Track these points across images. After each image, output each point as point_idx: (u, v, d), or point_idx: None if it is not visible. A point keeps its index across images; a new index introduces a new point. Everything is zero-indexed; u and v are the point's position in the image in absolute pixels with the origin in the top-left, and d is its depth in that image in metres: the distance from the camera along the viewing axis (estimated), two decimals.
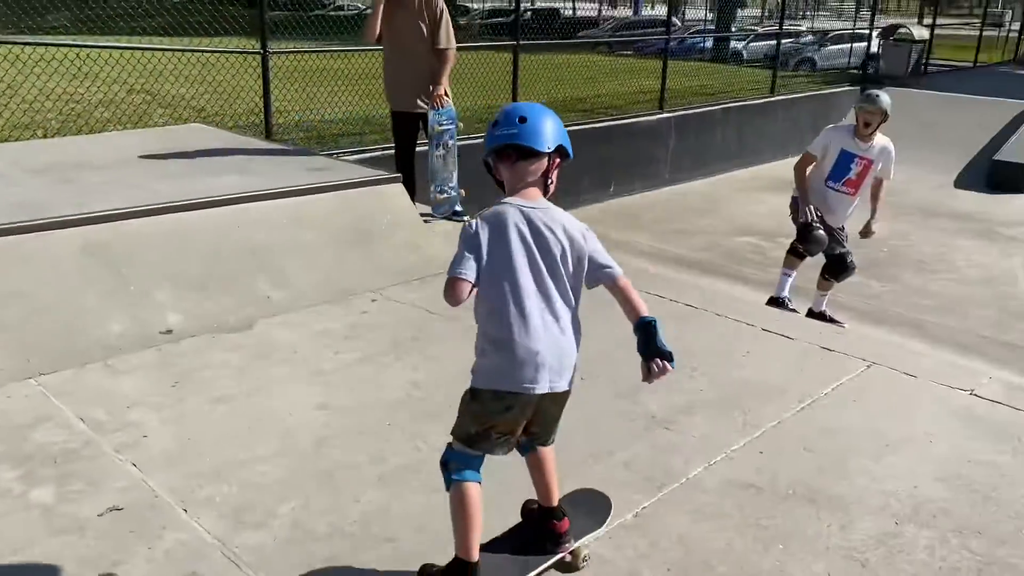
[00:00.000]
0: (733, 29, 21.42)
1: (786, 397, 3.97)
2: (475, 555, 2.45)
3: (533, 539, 2.70)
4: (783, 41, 25.39)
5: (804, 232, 6.14)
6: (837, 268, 6.37)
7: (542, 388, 2.41)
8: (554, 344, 2.42)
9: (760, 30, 22.90)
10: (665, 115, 11.27)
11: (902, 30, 15.74)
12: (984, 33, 19.65)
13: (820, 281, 6.54)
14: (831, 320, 6.30)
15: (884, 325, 7.01)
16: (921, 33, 15.73)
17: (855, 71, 15.91)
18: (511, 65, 10.11)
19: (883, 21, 21.60)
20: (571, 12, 30.47)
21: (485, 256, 2.41)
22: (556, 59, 13.63)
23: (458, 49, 6.57)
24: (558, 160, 2.55)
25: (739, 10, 23.02)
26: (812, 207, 6.14)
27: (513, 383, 2.39)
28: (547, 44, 12.96)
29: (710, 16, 25.02)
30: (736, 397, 3.96)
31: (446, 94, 6.32)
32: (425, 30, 6.20)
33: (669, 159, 11.35)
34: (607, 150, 10.49)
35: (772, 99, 13.18)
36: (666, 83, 11.42)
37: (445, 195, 6.59)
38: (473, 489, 2.45)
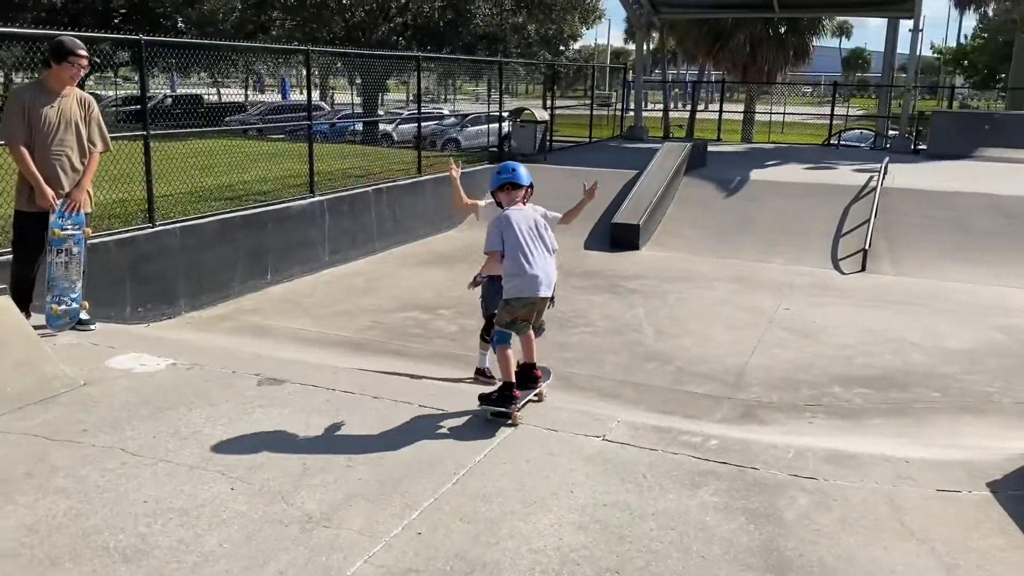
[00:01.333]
0: (380, 113, 22.26)
1: (443, 470, 4.06)
2: (513, 379, 4.81)
3: (522, 382, 4.93)
4: (430, 123, 27.11)
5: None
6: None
7: (543, 294, 4.89)
8: (545, 272, 4.86)
9: (406, 113, 24.12)
10: (317, 198, 11.30)
11: (526, 112, 17.46)
12: (596, 112, 22.50)
13: (481, 343, 6.81)
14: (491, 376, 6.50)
15: None
16: (543, 114, 17.59)
17: (494, 149, 17.29)
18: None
19: (513, 104, 23.86)
20: (217, 97, 29.78)
21: (504, 238, 4.80)
22: (202, 145, 13.13)
23: None
24: (530, 189, 5.18)
25: (383, 95, 24.01)
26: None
27: (530, 293, 4.82)
28: (187, 132, 12.44)
29: (358, 100, 25.87)
30: (395, 480, 3.96)
31: (89, 196, 5.90)
32: (81, 128, 5.78)
33: (326, 241, 11.36)
34: (260, 237, 10.23)
35: (420, 178, 13.82)
36: (314, 166, 11.48)
37: (64, 307, 5.94)
38: (510, 348, 4.89)
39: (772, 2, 19.97)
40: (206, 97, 28.24)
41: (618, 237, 12.84)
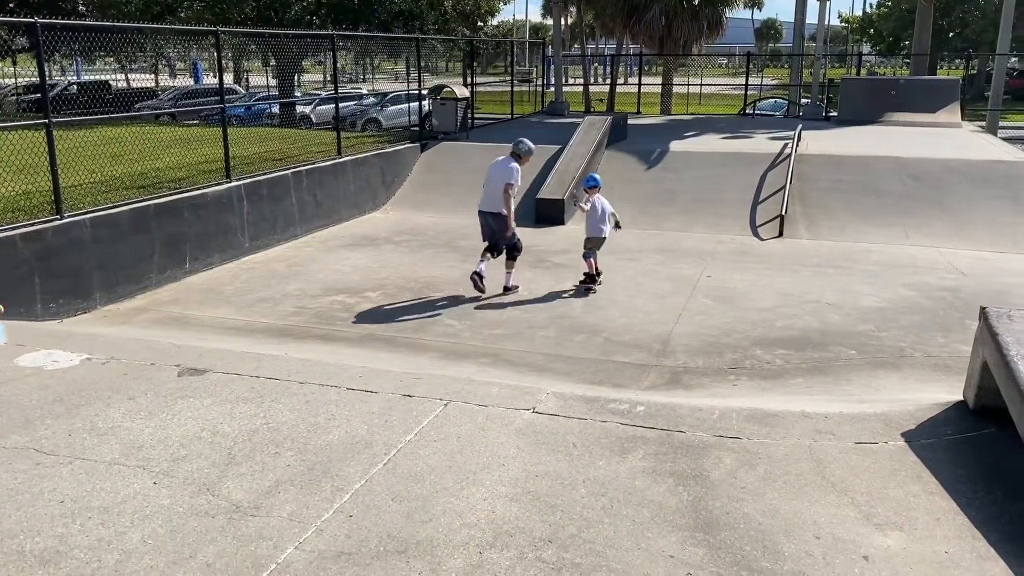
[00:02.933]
0: (297, 94, 21.76)
1: (372, 452, 4.02)
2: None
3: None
4: (349, 104, 26.65)
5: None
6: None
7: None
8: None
9: (323, 94, 23.63)
10: (234, 183, 11.00)
11: (446, 89, 17.31)
12: (517, 88, 22.46)
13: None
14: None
15: (467, 359, 7.52)
16: (463, 92, 17.45)
17: (415, 128, 17.11)
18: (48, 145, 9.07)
19: (433, 81, 23.63)
20: (125, 84, 28.64)
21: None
22: (112, 133, 12.64)
23: None
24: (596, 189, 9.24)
25: (300, 76, 23.48)
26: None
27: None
28: (93, 119, 11.94)
29: (274, 82, 25.24)
30: (324, 464, 3.91)
31: None
32: None
33: (246, 227, 11.08)
34: (177, 225, 9.91)
35: (341, 160, 13.58)
36: (229, 151, 11.16)
37: None
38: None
39: None
40: (114, 83, 27.15)
41: (543, 213, 12.88)
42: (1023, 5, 23.04)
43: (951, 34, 46.79)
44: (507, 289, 9.16)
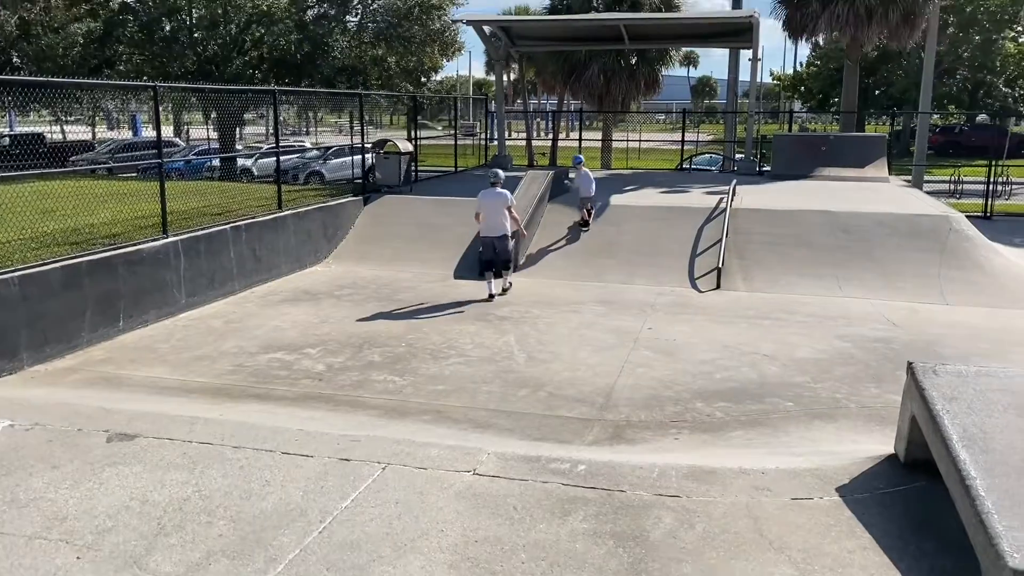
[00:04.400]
0: (239, 147, 21.63)
1: (308, 519, 3.92)
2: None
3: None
4: (292, 157, 26.55)
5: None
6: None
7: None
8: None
9: (265, 147, 23.54)
10: (171, 239, 10.81)
11: (390, 143, 17.40)
12: (461, 142, 22.69)
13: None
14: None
15: (408, 418, 7.43)
16: (407, 146, 17.56)
17: (359, 181, 17.11)
18: None
19: (377, 135, 23.73)
20: (61, 136, 28.14)
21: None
22: (45, 187, 12.36)
23: None
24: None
25: (242, 129, 23.37)
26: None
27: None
28: (25, 174, 11.67)
29: (215, 135, 25.05)
30: (258, 534, 3.80)
31: None
32: None
33: (182, 283, 10.87)
34: (110, 282, 9.67)
35: (282, 213, 13.48)
36: (167, 206, 10.99)
37: None
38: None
39: (622, 35, 20.78)
40: (49, 136, 26.66)
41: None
42: (941, 66, 24.28)
43: (877, 92, 48.93)
44: (505, 290, 11.64)
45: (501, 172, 11.82)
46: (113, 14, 24.12)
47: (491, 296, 11.36)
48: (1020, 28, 42.63)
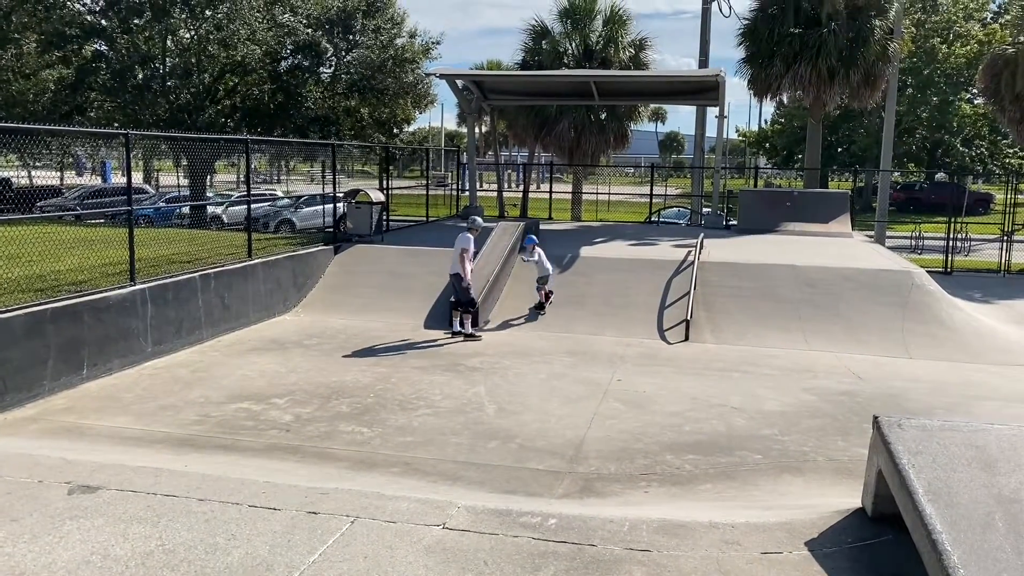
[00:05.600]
0: (210, 194, 21.58)
1: (274, 575, 3.85)
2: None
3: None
4: (263, 205, 26.53)
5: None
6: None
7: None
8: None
9: (236, 195, 23.51)
10: (138, 287, 10.71)
11: (361, 193, 17.48)
12: (433, 192, 22.86)
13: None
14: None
15: (376, 470, 7.34)
16: (378, 195, 17.65)
17: (329, 230, 17.12)
18: None
19: (349, 184, 23.84)
20: (28, 181, 27.87)
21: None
22: (10, 233, 12.20)
23: None
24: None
25: (213, 176, 23.35)
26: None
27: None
28: None
29: (185, 182, 24.99)
30: None
31: None
32: None
33: (149, 331, 10.73)
34: (74, 330, 9.53)
35: (252, 262, 13.42)
36: (135, 253, 10.91)
37: None
38: None
39: (592, 91, 21.21)
40: (15, 180, 26.38)
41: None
42: (901, 126, 25.03)
43: (839, 149, 50.22)
44: (459, 334, 11.98)
45: (479, 220, 12.77)
46: (86, 61, 24.12)
47: (454, 333, 11.90)
48: (975, 91, 44.21)
